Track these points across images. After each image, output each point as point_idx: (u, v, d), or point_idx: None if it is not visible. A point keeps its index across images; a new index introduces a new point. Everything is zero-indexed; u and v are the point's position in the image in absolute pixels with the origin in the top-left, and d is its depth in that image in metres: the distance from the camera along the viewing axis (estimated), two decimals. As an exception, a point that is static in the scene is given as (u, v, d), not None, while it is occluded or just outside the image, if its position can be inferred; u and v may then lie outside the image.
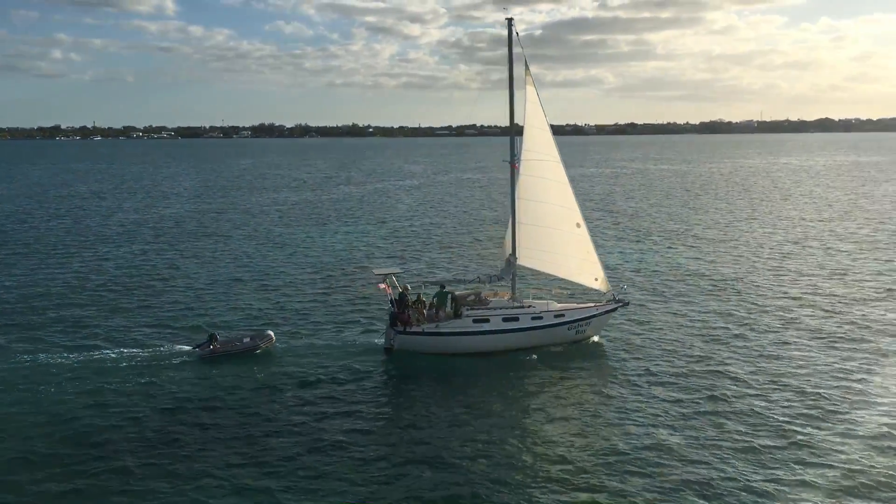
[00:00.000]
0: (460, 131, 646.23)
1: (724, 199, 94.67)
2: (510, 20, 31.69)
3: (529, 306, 32.00)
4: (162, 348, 31.89)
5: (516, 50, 31.92)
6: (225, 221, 75.00)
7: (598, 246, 35.77)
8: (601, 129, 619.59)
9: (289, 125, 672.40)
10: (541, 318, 31.51)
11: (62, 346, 32.12)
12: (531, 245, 32.70)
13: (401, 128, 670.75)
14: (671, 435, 22.83)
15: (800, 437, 22.61)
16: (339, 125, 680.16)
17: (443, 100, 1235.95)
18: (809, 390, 26.36)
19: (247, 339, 31.88)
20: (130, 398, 26.36)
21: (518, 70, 32.07)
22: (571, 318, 31.75)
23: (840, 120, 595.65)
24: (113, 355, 30.88)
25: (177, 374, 29.06)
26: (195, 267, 50.45)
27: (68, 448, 22.47)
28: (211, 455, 21.88)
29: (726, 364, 29.24)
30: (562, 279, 34.36)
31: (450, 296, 32.33)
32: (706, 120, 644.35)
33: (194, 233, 66.34)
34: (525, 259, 32.92)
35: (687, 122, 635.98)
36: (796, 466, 20.74)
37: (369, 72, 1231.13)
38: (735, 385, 26.98)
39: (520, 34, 31.91)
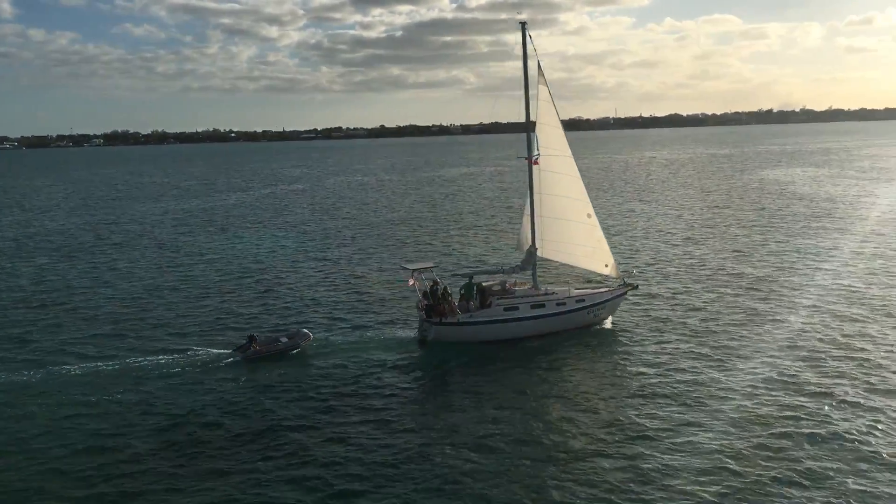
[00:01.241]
0: (327, 134, 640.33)
1: (689, 191, 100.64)
2: (524, 24, 33.41)
3: (552, 294, 33.85)
4: (200, 353, 31.65)
5: (529, 49, 33.65)
6: (235, 223, 72.19)
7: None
8: (467, 129, 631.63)
9: (144, 132, 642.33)
10: (564, 304, 33.46)
11: (99, 357, 31.58)
12: (549, 237, 34.60)
13: (264, 132, 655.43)
14: (688, 410, 24.53)
15: (803, 409, 24.63)
16: (200, 131, 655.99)
17: (305, 103, 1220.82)
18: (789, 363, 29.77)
19: (285, 339, 32.10)
20: (187, 403, 26.40)
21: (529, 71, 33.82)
22: (591, 303, 33.87)
23: (688, 115, 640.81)
24: (160, 361, 30.70)
25: (225, 376, 29.11)
26: (212, 271, 50.32)
27: (134, 450, 22.65)
28: (269, 454, 22.21)
29: (724, 338, 32.30)
30: (574, 267, 36.45)
31: (476, 287, 33.67)
32: (565, 118, 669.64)
33: (200, 233, 63.59)
34: (543, 250, 34.74)
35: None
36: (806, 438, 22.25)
37: (227, 75, 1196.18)
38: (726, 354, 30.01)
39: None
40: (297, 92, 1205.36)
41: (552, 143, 34.06)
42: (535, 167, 33.99)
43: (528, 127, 34.42)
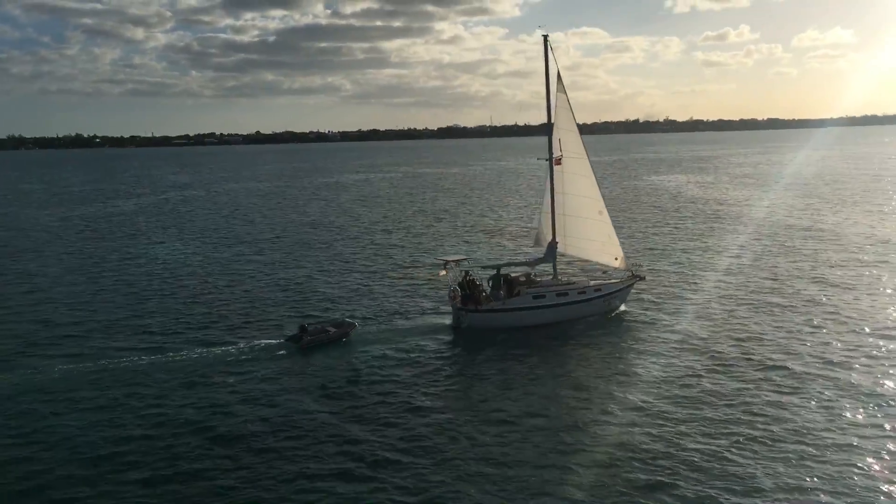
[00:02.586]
0: (199, 140, 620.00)
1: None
2: (546, 36, 36.20)
3: (574, 283, 36.81)
4: (259, 343, 33.23)
5: (550, 61, 36.46)
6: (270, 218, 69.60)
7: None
8: (345, 136, 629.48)
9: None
10: (584, 292, 36.47)
11: (158, 349, 33.01)
12: (567, 233, 37.57)
13: (132, 137, 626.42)
14: (690, 389, 26.89)
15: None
16: (60, 136, 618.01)
17: (175, 107, 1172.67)
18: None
19: (333, 329, 33.88)
20: (257, 390, 27.83)
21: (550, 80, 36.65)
22: (608, 292, 37.04)
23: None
24: (217, 352, 32.13)
25: (285, 364, 30.79)
26: (257, 265, 53.54)
27: (202, 438, 23.67)
28: (333, 438, 23.55)
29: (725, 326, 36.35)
30: (587, 260, 39.61)
31: (503, 278, 36.15)
32: (443, 125, 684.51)
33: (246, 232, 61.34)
34: (562, 245, 37.66)
35: (426, 128, 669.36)
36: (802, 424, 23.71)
37: (88, 78, 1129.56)
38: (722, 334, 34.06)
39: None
40: (166, 96, 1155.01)
41: (571, 147, 36.96)
42: (556, 168, 36.75)
43: (549, 130, 37.07)
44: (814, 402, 25.31)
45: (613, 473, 20.71)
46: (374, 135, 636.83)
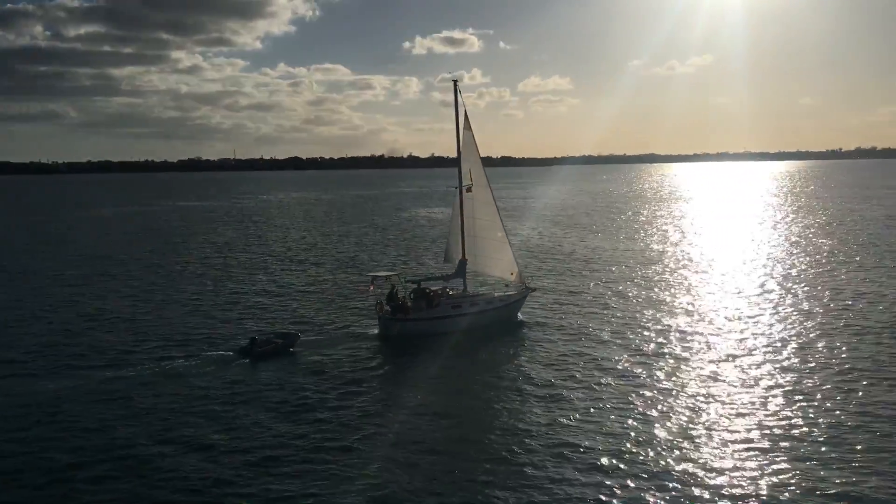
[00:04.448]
0: None
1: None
2: (455, 81, 41.43)
3: (483, 295, 42.19)
4: (212, 355, 35.93)
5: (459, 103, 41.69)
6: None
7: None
8: (73, 167, 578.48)
9: None
10: (492, 303, 41.92)
11: (121, 364, 34.68)
12: (475, 252, 42.93)
13: None
14: (576, 388, 30.94)
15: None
16: None
17: None
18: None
19: (280, 340, 36.97)
20: (215, 399, 30.08)
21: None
22: (509, 302, 42.76)
23: (308, 158, 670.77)
24: (175, 365, 34.39)
25: (237, 372, 33.66)
26: (224, 282, 57.76)
27: (176, 448, 25.22)
28: (303, 441, 25.79)
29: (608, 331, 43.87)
30: (489, 275, 45.06)
31: (423, 291, 40.63)
32: (183, 158, 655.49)
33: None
34: (471, 263, 42.86)
35: (165, 160, 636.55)
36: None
37: None
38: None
39: None
40: None
41: (478, 178, 42.37)
42: (467, 195, 41.97)
43: (458, 163, 42.14)
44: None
45: (498, 451, 24.69)
46: (107, 166, 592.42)
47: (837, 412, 27.45)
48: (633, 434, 25.70)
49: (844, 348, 35.96)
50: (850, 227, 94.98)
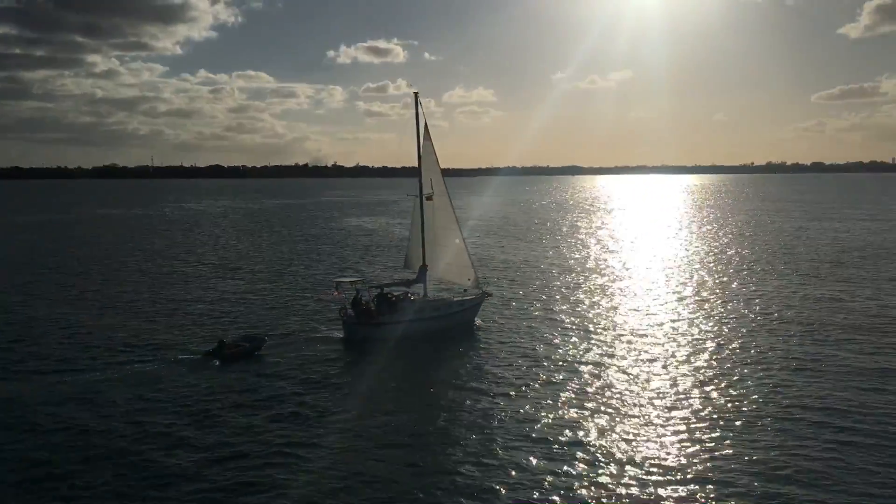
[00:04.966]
0: None
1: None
2: (416, 93, 43.17)
3: (444, 300, 43.99)
4: (182, 358, 36.86)
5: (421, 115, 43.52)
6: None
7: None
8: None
9: None
10: (452, 308, 43.75)
11: (94, 368, 35.18)
12: (435, 258, 44.65)
13: None
14: (523, 388, 32.27)
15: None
16: None
17: None
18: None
19: (247, 343, 38.00)
20: (186, 401, 30.72)
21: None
22: (468, 307, 44.67)
23: (229, 167, 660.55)
24: (146, 369, 35.08)
25: (206, 375, 34.40)
26: (176, 289, 57.92)
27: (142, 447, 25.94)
28: (259, 440, 26.61)
29: (559, 329, 46.33)
30: (448, 280, 46.76)
31: (386, 296, 42.04)
32: (98, 164, 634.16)
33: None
34: (431, 269, 44.54)
35: (79, 167, 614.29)
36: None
37: None
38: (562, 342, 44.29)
39: None
40: None
41: (438, 186, 44.21)
42: (428, 203, 43.79)
43: (419, 173, 43.91)
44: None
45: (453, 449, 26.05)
46: (15, 172, 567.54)
47: (761, 400, 30.29)
48: (583, 424, 27.94)
49: (762, 343, 39.49)
50: (762, 236, 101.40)
